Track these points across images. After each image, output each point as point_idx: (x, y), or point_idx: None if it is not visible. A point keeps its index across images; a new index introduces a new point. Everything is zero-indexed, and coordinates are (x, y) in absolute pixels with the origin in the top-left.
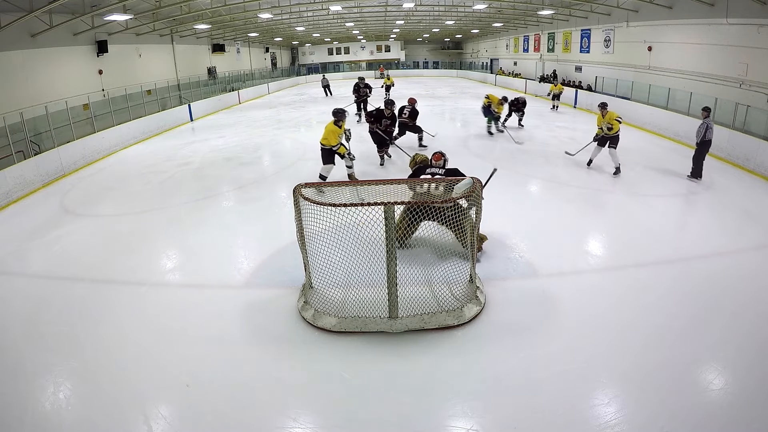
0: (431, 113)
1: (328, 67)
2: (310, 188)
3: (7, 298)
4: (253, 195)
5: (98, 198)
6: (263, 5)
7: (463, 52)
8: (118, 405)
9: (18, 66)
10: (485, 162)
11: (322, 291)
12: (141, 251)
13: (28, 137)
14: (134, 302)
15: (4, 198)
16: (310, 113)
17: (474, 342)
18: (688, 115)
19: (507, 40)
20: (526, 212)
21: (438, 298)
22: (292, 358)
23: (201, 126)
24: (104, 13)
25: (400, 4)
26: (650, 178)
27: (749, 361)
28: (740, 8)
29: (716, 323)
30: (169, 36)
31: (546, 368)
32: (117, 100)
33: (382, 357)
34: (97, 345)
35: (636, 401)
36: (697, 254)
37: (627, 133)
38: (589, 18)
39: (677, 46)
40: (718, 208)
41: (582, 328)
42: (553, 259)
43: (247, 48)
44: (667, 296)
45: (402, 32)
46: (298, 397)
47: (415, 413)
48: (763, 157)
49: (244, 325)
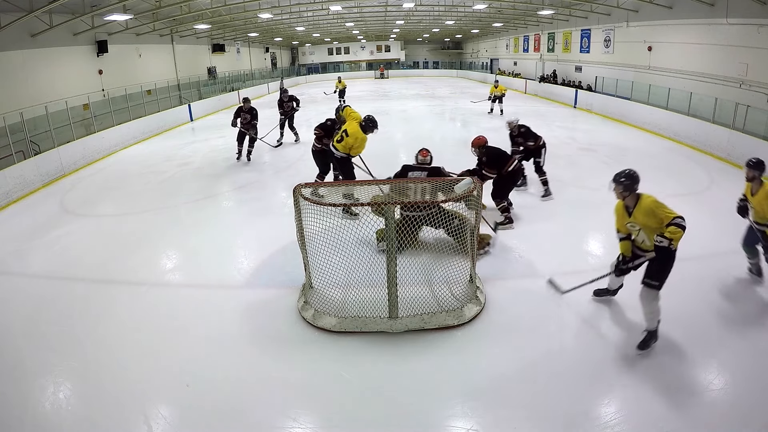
0: (431, 113)
1: (328, 67)
2: (310, 188)
3: (8, 298)
4: (253, 195)
5: (98, 198)
6: (263, 5)
7: (463, 52)
8: (118, 405)
9: (18, 66)
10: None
11: (322, 291)
12: (141, 251)
13: (28, 137)
14: (134, 302)
15: (4, 198)
16: (309, 113)
17: (474, 342)
18: (688, 115)
19: (507, 40)
20: (526, 212)
21: (438, 298)
22: (292, 358)
23: (201, 126)
24: (104, 13)
25: (400, 4)
26: (650, 178)
27: (749, 361)
28: (740, 8)
29: (716, 323)
30: (169, 36)
31: (546, 368)
32: (117, 100)
33: (382, 357)
34: (98, 345)
35: (636, 401)
36: (697, 254)
37: (627, 132)
38: (589, 18)
39: (677, 46)
40: (717, 209)
41: (582, 328)
42: (553, 259)
43: (247, 48)
44: (666, 296)
45: (402, 32)
46: (298, 397)
47: (415, 413)
48: (763, 157)
49: (244, 325)
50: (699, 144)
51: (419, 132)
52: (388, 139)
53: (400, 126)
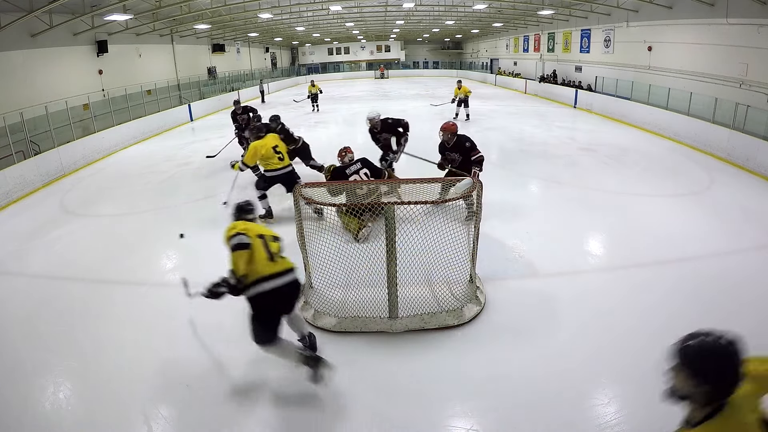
0: (431, 113)
1: (328, 67)
2: (309, 188)
3: (7, 298)
4: (253, 195)
5: (98, 198)
6: (263, 5)
7: (463, 52)
8: (118, 405)
9: (18, 66)
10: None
11: (322, 291)
12: (141, 251)
13: (28, 137)
14: (134, 302)
15: (4, 198)
16: (309, 113)
17: (474, 342)
18: (688, 115)
19: (507, 40)
20: (526, 212)
21: (438, 298)
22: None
23: (201, 126)
24: (104, 13)
25: (400, 4)
26: (650, 178)
27: None
28: (740, 8)
29: (716, 323)
30: (169, 36)
31: (546, 368)
32: (117, 100)
33: (382, 357)
34: (97, 345)
35: (636, 401)
36: (697, 254)
37: (627, 132)
38: (589, 18)
39: (677, 46)
40: (718, 208)
41: (582, 328)
42: (553, 259)
43: (247, 48)
44: (666, 296)
45: (402, 32)
46: (298, 397)
47: (415, 413)
48: (763, 157)
49: (244, 325)
50: (699, 144)
51: (419, 132)
52: None
53: None
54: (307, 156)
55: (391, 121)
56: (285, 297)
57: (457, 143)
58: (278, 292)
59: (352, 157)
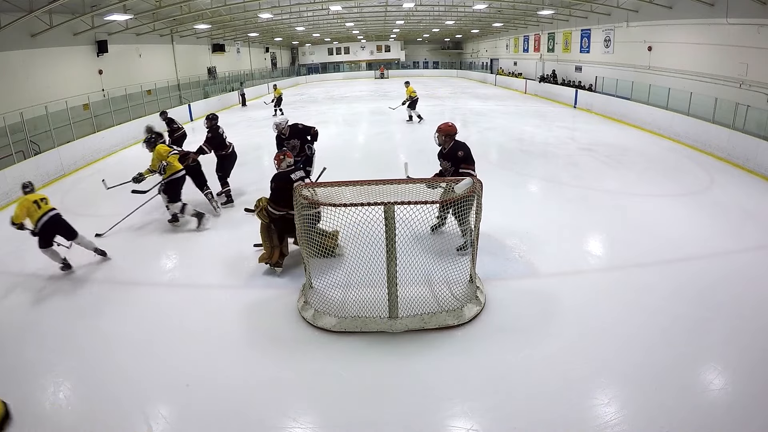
0: (431, 113)
1: (328, 67)
2: (309, 188)
3: (7, 297)
4: (253, 195)
5: (98, 198)
6: (263, 5)
7: (463, 52)
8: (118, 405)
9: (18, 66)
10: (485, 163)
11: (322, 291)
12: (141, 251)
13: (28, 137)
14: (134, 302)
15: (4, 198)
16: (310, 113)
17: (474, 342)
18: (688, 115)
19: (507, 40)
20: (526, 212)
21: (438, 298)
22: (292, 358)
23: (201, 126)
24: (104, 13)
25: (400, 4)
26: (650, 178)
27: (749, 361)
28: (740, 8)
29: (716, 323)
30: (169, 36)
31: (546, 368)
32: (117, 100)
33: (382, 357)
34: (97, 345)
35: (636, 401)
36: (697, 254)
37: (627, 132)
38: (589, 18)
39: (677, 46)
40: (718, 208)
41: (582, 328)
42: (553, 259)
43: (247, 48)
44: (666, 296)
45: (402, 32)
46: (298, 397)
47: (415, 413)
48: (763, 157)
49: (244, 325)
50: (699, 144)
51: (419, 132)
52: (388, 139)
53: (401, 126)
54: (230, 166)
55: (301, 127)
56: None
57: (452, 150)
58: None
59: (290, 162)
